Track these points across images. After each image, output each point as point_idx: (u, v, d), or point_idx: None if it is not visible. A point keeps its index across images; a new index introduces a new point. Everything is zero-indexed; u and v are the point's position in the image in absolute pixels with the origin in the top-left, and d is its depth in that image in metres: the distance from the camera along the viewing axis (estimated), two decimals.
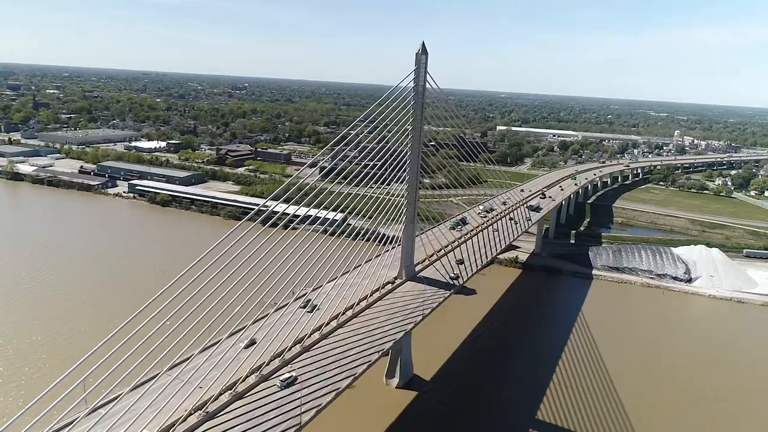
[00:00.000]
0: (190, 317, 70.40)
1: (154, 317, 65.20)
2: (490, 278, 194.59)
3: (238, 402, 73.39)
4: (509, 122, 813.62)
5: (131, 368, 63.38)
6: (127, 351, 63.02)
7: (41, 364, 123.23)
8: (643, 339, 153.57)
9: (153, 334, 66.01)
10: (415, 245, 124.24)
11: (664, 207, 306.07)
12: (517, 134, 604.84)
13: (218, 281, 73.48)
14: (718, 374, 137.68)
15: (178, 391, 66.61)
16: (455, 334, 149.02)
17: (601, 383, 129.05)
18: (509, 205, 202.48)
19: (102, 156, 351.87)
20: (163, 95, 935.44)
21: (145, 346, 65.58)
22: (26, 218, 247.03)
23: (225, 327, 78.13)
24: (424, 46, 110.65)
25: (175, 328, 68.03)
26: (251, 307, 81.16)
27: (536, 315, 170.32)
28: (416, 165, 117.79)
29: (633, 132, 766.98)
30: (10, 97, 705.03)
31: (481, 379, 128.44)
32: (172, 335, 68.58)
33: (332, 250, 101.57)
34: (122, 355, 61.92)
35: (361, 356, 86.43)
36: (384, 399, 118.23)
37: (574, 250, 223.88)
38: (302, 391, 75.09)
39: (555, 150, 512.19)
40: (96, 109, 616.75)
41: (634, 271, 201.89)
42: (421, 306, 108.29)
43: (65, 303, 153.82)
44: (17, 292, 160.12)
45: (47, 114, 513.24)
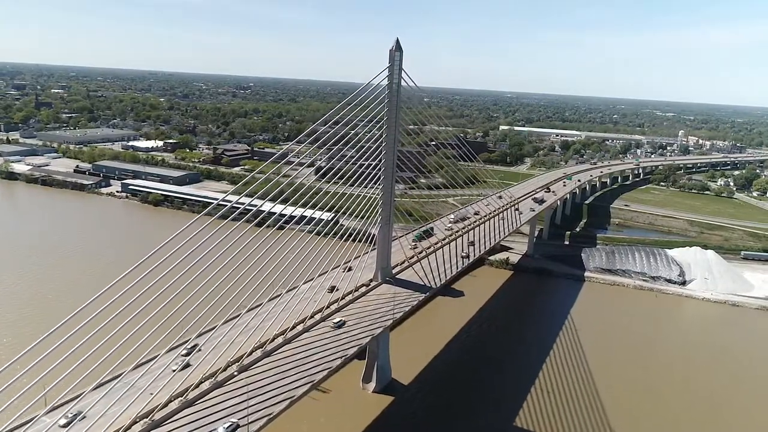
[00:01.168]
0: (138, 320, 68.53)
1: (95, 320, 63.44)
2: (479, 280, 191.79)
3: (190, 409, 71.05)
4: (512, 122, 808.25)
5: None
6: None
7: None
8: (633, 343, 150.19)
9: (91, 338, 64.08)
10: (392, 247, 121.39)
11: (663, 208, 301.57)
12: (519, 134, 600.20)
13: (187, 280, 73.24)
14: (709, 379, 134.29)
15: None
16: (438, 337, 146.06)
17: (586, 389, 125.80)
18: (486, 214, 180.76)
19: (98, 155, 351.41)
20: (167, 95, 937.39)
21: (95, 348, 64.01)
22: (10, 217, 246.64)
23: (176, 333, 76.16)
24: (398, 42, 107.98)
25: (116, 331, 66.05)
26: (208, 311, 79.23)
27: (524, 318, 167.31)
28: (392, 164, 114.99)
29: (637, 132, 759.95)
30: (14, 96, 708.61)
31: (462, 384, 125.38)
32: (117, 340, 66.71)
33: (308, 251, 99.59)
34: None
35: (323, 362, 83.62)
36: (358, 404, 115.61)
37: (567, 252, 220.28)
38: (253, 400, 72.46)
39: (556, 150, 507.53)
40: (98, 108, 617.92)
41: (627, 273, 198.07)
42: (392, 310, 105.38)
43: (37, 303, 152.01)
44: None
45: (48, 113, 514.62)
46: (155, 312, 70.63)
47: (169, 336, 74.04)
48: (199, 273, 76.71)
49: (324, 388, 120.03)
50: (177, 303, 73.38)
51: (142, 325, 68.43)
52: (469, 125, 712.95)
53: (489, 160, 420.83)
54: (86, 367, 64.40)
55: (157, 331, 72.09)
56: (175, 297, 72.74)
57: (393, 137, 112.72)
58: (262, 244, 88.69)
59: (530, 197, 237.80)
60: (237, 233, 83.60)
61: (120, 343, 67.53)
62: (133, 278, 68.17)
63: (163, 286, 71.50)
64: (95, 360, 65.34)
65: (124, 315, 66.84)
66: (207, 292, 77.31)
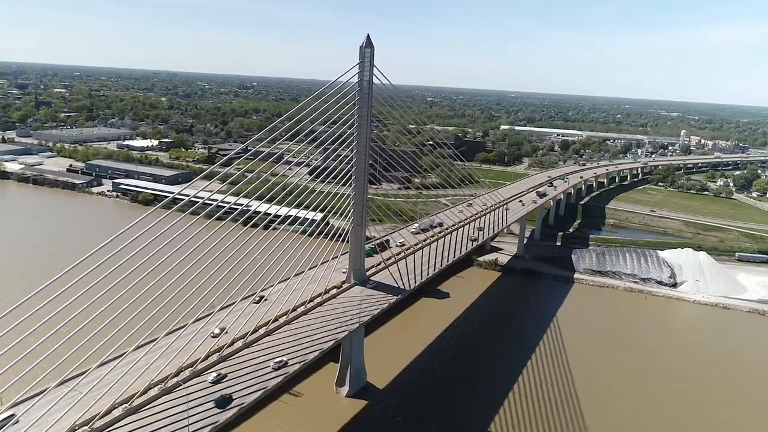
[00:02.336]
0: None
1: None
2: (466, 281, 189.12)
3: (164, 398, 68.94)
4: (514, 122, 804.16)
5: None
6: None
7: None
8: (618, 346, 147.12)
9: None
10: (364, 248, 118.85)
11: (660, 208, 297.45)
12: (519, 134, 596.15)
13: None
14: (695, 382, 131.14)
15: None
16: (419, 340, 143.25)
17: (567, 393, 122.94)
18: (455, 223, 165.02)
19: (92, 154, 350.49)
20: (168, 94, 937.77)
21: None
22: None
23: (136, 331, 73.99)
24: (369, 39, 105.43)
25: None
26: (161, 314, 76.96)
27: (508, 320, 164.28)
28: (364, 163, 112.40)
29: (640, 132, 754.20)
30: (15, 95, 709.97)
31: (441, 388, 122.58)
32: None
33: (282, 250, 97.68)
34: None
35: (270, 374, 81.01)
36: (330, 408, 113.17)
37: (558, 253, 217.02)
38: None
39: (555, 150, 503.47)
40: (98, 107, 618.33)
41: (618, 275, 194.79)
42: (360, 314, 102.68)
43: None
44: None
45: (46, 112, 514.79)
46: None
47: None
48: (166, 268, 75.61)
49: (296, 391, 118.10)
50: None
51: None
52: (470, 125, 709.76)
53: (486, 160, 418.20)
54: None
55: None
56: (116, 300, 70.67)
57: (365, 135, 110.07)
58: (237, 241, 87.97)
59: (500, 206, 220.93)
60: (200, 228, 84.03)
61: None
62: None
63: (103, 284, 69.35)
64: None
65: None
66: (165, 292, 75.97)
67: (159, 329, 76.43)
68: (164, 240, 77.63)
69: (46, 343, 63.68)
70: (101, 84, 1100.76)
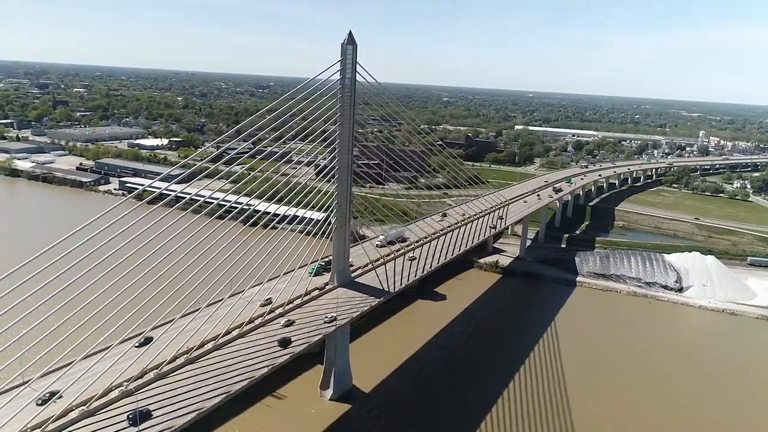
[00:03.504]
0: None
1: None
2: (464, 283, 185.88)
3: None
4: (529, 122, 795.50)
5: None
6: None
7: None
8: (617, 352, 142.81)
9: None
10: (349, 249, 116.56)
11: (672, 210, 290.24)
12: (533, 134, 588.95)
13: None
14: (696, 392, 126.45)
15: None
16: (410, 343, 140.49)
17: (560, 401, 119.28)
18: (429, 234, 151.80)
19: (102, 153, 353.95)
20: (185, 94, 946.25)
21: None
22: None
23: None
24: (351, 35, 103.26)
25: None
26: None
27: (504, 324, 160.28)
28: (347, 164, 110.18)
29: (658, 132, 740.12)
30: (35, 95, 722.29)
31: (429, 393, 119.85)
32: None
33: (266, 250, 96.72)
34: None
35: (246, 372, 79.18)
36: (311, 412, 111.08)
37: (562, 256, 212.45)
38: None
39: (568, 150, 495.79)
40: (114, 107, 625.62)
41: (622, 279, 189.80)
42: (336, 316, 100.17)
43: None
44: None
45: (61, 111, 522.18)
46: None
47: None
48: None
49: (280, 394, 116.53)
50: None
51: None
52: (483, 125, 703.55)
53: (496, 160, 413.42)
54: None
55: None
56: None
57: (348, 133, 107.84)
58: (226, 239, 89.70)
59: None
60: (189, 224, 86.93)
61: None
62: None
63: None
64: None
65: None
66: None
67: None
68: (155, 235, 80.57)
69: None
70: (120, 84, 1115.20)
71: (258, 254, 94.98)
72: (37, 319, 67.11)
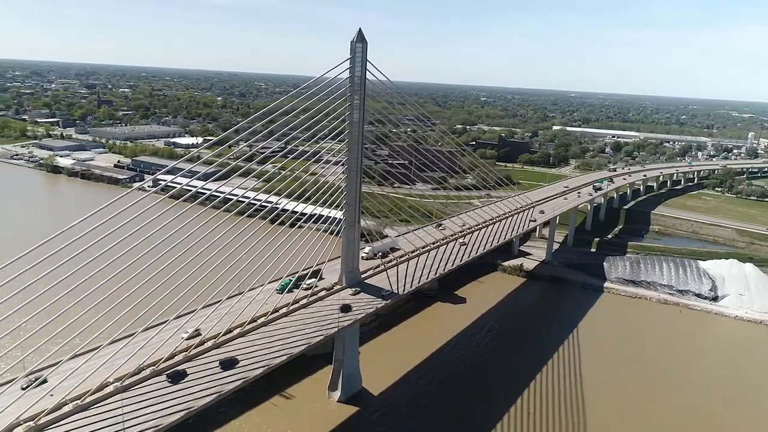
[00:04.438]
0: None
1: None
2: (486, 286, 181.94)
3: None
4: (568, 122, 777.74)
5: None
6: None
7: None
8: (640, 363, 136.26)
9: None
10: (359, 249, 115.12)
11: (712, 215, 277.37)
12: (570, 134, 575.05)
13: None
14: (727, 410, 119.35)
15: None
16: (424, 347, 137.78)
17: (575, 413, 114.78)
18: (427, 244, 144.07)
19: (139, 151, 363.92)
20: (224, 93, 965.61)
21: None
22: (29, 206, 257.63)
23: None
24: (361, 33, 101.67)
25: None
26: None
27: (523, 330, 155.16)
28: (357, 163, 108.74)
29: (704, 134, 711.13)
30: (82, 95, 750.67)
31: (437, 399, 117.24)
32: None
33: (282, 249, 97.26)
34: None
35: (241, 373, 78.67)
36: (317, 413, 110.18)
37: (590, 260, 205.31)
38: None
39: (606, 151, 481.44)
40: (155, 106, 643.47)
41: (652, 286, 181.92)
42: (339, 318, 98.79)
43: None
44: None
45: (104, 111, 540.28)
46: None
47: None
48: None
49: (288, 393, 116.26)
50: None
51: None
52: (520, 125, 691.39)
53: (530, 161, 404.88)
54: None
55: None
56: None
57: (358, 133, 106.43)
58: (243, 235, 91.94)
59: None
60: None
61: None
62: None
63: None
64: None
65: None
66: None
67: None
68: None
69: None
70: (164, 84, 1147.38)
71: (275, 251, 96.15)
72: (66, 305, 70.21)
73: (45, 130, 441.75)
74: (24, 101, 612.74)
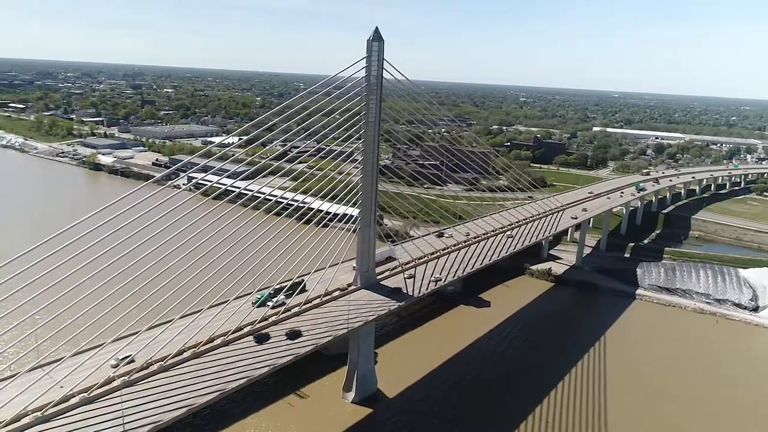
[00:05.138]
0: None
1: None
2: (512, 290, 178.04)
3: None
4: (609, 123, 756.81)
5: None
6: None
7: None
8: (670, 377, 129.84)
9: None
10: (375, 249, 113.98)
11: (758, 221, 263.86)
12: (610, 135, 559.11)
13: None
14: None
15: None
16: (443, 350, 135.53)
17: (596, 425, 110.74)
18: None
19: (177, 150, 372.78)
20: (263, 94, 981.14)
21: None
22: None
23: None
24: (377, 31, 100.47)
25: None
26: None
27: (546, 337, 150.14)
28: (373, 163, 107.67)
29: (755, 135, 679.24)
30: (128, 95, 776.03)
31: (453, 405, 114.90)
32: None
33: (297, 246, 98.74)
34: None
35: (241, 374, 78.63)
36: (330, 413, 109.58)
37: (623, 266, 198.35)
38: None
39: (647, 153, 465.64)
40: (195, 106, 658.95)
41: (688, 294, 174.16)
42: (349, 319, 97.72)
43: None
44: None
45: (147, 110, 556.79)
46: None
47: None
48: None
49: (303, 393, 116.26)
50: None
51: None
52: (559, 126, 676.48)
53: (566, 163, 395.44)
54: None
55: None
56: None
57: (374, 133, 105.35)
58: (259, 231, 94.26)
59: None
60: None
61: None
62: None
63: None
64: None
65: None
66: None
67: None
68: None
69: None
70: (206, 84, 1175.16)
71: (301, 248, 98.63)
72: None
73: (90, 128, 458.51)
74: (73, 101, 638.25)
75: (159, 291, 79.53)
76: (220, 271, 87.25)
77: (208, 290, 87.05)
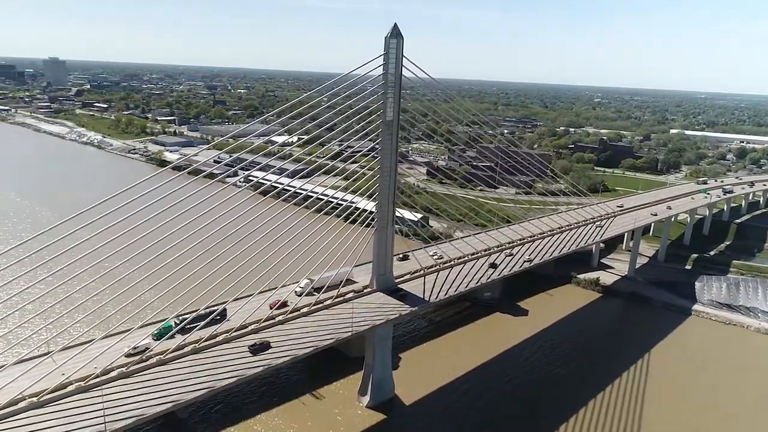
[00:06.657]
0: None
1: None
2: (554, 299, 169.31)
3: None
4: (689, 125, 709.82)
5: None
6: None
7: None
8: (722, 405, 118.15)
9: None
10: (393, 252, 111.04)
11: None
12: (687, 138, 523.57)
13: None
14: None
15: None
16: (470, 359, 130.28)
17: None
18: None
19: (239, 148, 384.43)
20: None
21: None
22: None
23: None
24: (396, 28, 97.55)
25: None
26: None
27: (585, 351, 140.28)
28: (392, 163, 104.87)
29: None
30: (202, 95, 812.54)
31: (473, 418, 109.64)
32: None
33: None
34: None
35: (239, 370, 78.36)
36: (343, 416, 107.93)
37: (682, 278, 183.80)
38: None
39: (728, 158, 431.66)
40: (264, 106, 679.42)
41: (752, 312, 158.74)
42: (354, 323, 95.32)
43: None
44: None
45: (217, 110, 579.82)
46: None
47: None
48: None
49: (318, 393, 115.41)
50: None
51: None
52: (632, 128, 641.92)
53: (634, 167, 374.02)
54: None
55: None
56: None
57: (393, 133, 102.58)
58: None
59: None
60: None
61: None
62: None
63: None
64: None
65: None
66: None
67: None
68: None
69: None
70: (277, 85, 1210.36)
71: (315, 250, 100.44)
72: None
73: (162, 126, 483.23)
74: (151, 101, 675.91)
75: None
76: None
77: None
